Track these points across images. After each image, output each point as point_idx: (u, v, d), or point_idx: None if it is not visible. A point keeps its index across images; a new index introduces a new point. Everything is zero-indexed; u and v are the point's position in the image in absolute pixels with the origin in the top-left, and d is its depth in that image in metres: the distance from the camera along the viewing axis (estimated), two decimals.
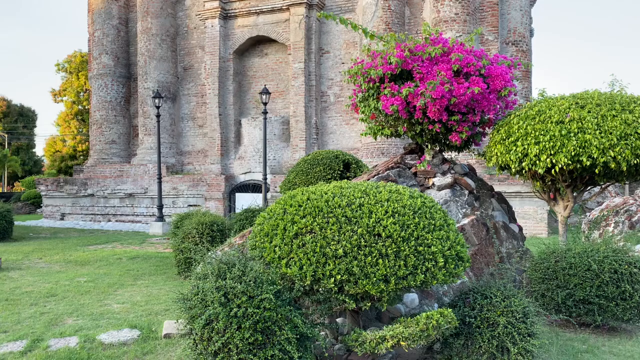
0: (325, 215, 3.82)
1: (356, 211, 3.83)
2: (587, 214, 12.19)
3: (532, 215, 13.71)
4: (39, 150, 44.11)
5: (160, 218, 16.30)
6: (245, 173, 18.46)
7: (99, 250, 11.97)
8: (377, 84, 6.93)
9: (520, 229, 7.17)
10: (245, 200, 17.51)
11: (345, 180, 4.71)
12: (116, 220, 19.13)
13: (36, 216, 23.47)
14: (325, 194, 4.09)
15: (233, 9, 18.49)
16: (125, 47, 20.33)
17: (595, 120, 5.59)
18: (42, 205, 22.05)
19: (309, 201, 4.02)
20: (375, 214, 3.77)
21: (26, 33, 79.05)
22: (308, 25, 17.46)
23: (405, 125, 6.77)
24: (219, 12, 18.29)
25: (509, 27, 16.02)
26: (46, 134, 46.11)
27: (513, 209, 7.51)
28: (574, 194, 6.72)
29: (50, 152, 39.36)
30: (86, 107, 37.04)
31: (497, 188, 12.64)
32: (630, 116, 5.57)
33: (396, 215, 3.80)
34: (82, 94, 38.45)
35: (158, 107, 16.18)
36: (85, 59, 36.42)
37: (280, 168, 18.02)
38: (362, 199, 3.96)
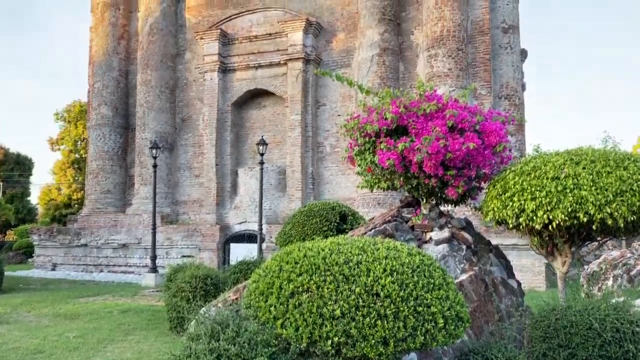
0: (322, 273, 3.76)
1: (354, 269, 3.77)
2: (585, 266, 12.10)
3: (529, 268, 13.59)
4: (34, 198, 43.97)
5: (154, 269, 16.05)
6: (241, 223, 18.36)
7: (90, 302, 11.70)
8: (373, 138, 6.99)
9: (519, 284, 7.08)
10: (240, 251, 17.30)
11: (343, 236, 4.67)
12: (109, 271, 18.82)
13: (27, 266, 23.09)
14: (322, 250, 4.04)
15: (232, 62, 18.94)
16: (124, 98, 20.64)
17: (591, 176, 5.63)
18: (33, 254, 21.73)
19: (305, 258, 3.96)
20: (374, 272, 3.72)
21: (27, 82, 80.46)
22: (305, 78, 17.85)
23: (401, 179, 6.79)
24: (218, 66, 18.71)
25: (502, 82, 16.43)
26: (42, 182, 46.10)
27: (511, 262, 7.43)
28: (572, 249, 6.69)
29: (45, 200, 39.20)
30: (83, 156, 37.22)
31: (494, 240, 12.57)
32: (625, 173, 5.62)
33: (395, 273, 3.75)
34: (79, 142, 38.73)
35: (155, 158, 16.26)
36: (84, 108, 36.89)
37: (276, 218, 17.95)
38: (360, 256, 3.91)
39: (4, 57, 73.64)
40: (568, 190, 5.56)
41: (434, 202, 7.03)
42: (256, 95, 19.26)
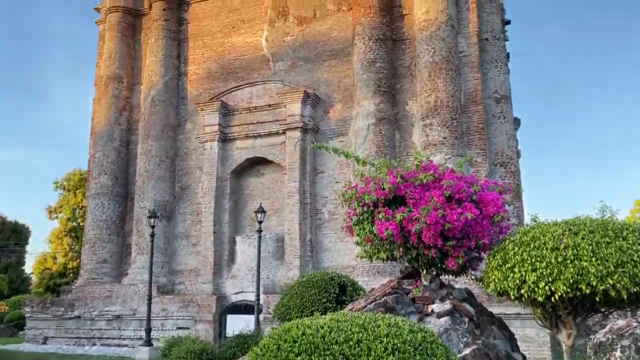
0: (322, 353, 3.65)
1: (354, 348, 3.67)
2: (592, 336, 11.78)
3: (534, 338, 13.22)
4: (29, 267, 43.39)
5: (148, 342, 15.55)
6: (238, 293, 18.01)
7: None
8: (372, 208, 7.01)
9: (524, 358, 6.87)
10: (237, 323, 16.84)
11: (342, 311, 4.58)
12: (102, 344, 18.21)
13: (18, 339, 22.36)
14: (322, 328, 3.94)
15: (232, 132, 19.32)
16: (124, 167, 20.86)
17: (590, 247, 5.62)
18: (24, 327, 21.10)
19: (304, 336, 3.86)
20: (375, 352, 3.62)
21: (27, 151, 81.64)
22: (303, 147, 18.15)
23: (400, 249, 6.76)
24: (218, 136, 19.08)
25: (497, 150, 16.72)
26: (38, 251, 45.70)
27: (514, 333, 7.25)
28: (576, 321, 6.54)
29: (40, 269, 38.62)
30: (81, 224, 37.07)
31: (496, 310, 12.31)
32: (625, 243, 5.62)
33: (396, 352, 3.64)
34: (77, 210, 38.70)
35: (153, 227, 16.20)
36: (84, 177, 37.14)
37: (273, 287, 17.64)
38: (360, 334, 3.82)
39: (4, 127, 75.17)
40: (569, 261, 5.53)
41: (434, 272, 6.96)
42: (255, 164, 19.50)
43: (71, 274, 36.53)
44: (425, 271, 6.85)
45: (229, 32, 20.58)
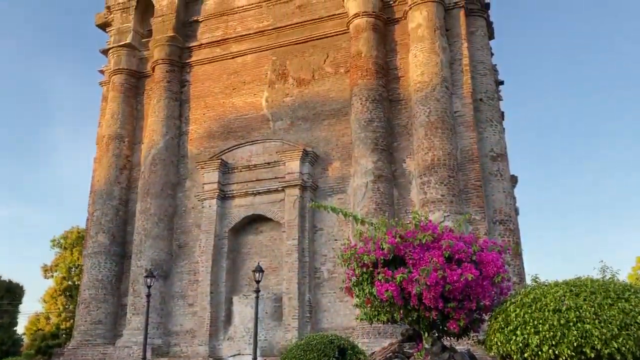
0: None
1: None
2: None
3: None
4: (21, 328, 42.30)
5: None
6: (235, 355, 17.50)
7: None
8: (371, 268, 6.97)
9: None
10: None
11: None
12: None
13: None
14: None
15: (231, 190, 19.43)
16: (122, 226, 20.79)
17: (593, 309, 5.56)
18: None
19: None
20: None
21: (26, 209, 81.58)
22: (302, 204, 18.18)
23: (401, 311, 6.68)
24: (218, 193, 19.16)
25: (495, 207, 16.77)
26: (31, 311, 44.76)
27: None
28: None
29: (32, 330, 37.65)
30: (76, 283, 36.50)
31: None
32: (627, 305, 5.56)
33: None
34: (73, 269, 38.20)
35: (149, 287, 15.97)
36: (81, 234, 36.90)
37: (271, 349, 17.16)
38: None
39: (4, 185, 75.54)
40: (571, 324, 5.44)
41: (435, 335, 6.83)
42: (253, 221, 19.46)
43: (64, 335, 35.57)
44: (426, 334, 6.73)
45: (230, 93, 21.11)
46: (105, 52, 23.15)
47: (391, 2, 19.27)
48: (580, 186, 77.28)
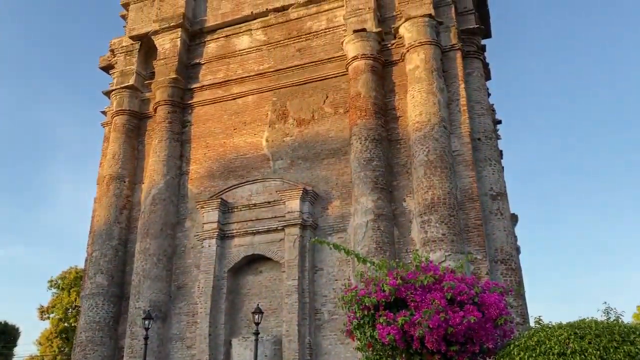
0: None
1: None
2: None
3: None
4: None
5: None
6: None
7: None
8: (372, 311, 6.89)
9: None
10: None
11: None
12: None
13: None
14: None
15: (231, 229, 19.36)
16: (121, 266, 20.61)
17: (598, 352, 5.47)
18: None
19: None
20: None
21: (25, 249, 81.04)
22: (302, 243, 18.08)
23: (403, 355, 6.55)
24: (217, 233, 19.08)
25: (496, 247, 16.68)
26: (26, 353, 43.77)
27: None
28: None
29: None
30: (72, 325, 35.89)
31: None
32: (633, 348, 5.47)
33: None
34: (70, 310, 37.64)
35: (147, 329, 15.70)
36: (79, 275, 36.58)
37: None
38: None
39: (4, 225, 75.26)
40: None
41: None
42: (253, 261, 19.31)
43: None
44: None
45: (231, 133, 21.33)
46: (108, 93, 23.53)
47: (389, 45, 19.71)
48: (581, 224, 77.10)
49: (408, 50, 18.81)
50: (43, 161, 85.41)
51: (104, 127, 23.82)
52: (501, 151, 20.49)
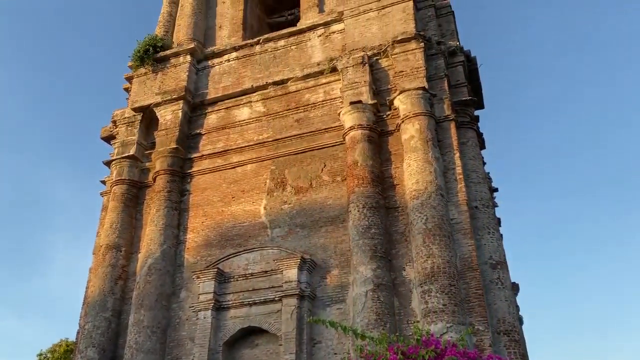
0: None
1: None
2: None
3: None
4: None
5: None
6: None
7: None
8: None
9: None
10: None
11: None
12: None
13: None
14: None
15: (227, 300, 18.98)
16: (114, 339, 19.98)
17: None
18: None
19: None
20: None
21: (18, 320, 78.78)
22: (300, 315, 17.67)
23: None
24: (213, 304, 18.69)
25: (498, 317, 16.31)
26: None
27: None
28: None
29: None
30: None
31: None
32: None
33: None
34: None
35: None
36: (70, 347, 35.33)
37: None
38: None
39: None
40: None
41: None
42: (249, 334, 18.77)
43: None
44: None
45: (229, 202, 21.41)
46: (108, 163, 23.82)
47: (384, 116, 20.26)
48: (584, 291, 75.74)
49: (403, 121, 19.31)
50: (40, 229, 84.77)
51: (102, 196, 23.93)
52: (499, 219, 20.52)
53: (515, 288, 18.84)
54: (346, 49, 21.92)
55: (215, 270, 19.23)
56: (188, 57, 24.48)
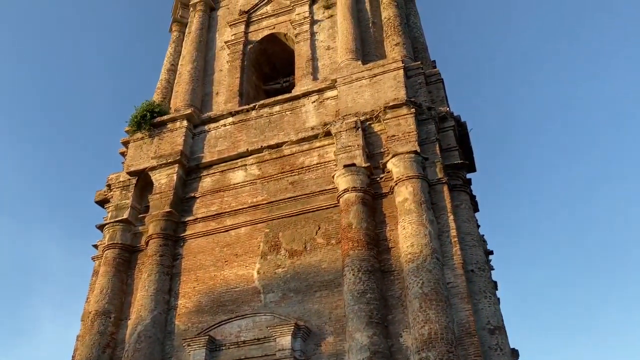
0: None
1: None
2: None
3: None
4: None
5: None
6: None
7: None
8: None
9: None
10: None
11: None
12: None
13: None
14: None
15: None
16: None
17: None
18: None
19: None
20: None
21: None
22: None
23: None
24: None
25: None
26: None
27: None
28: None
29: None
30: None
31: None
32: None
33: None
34: None
35: None
36: None
37: None
38: None
39: None
40: None
41: None
42: None
43: None
44: None
45: (222, 266, 21.11)
46: (101, 227, 23.64)
47: (377, 179, 20.44)
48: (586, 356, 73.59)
49: (397, 184, 19.47)
50: (28, 294, 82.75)
51: (94, 260, 23.59)
52: (495, 283, 20.25)
53: (515, 354, 18.30)
54: (339, 114, 22.45)
55: (207, 337, 18.66)
56: (185, 122, 24.94)
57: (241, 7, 30.38)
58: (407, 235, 18.10)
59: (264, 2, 30.00)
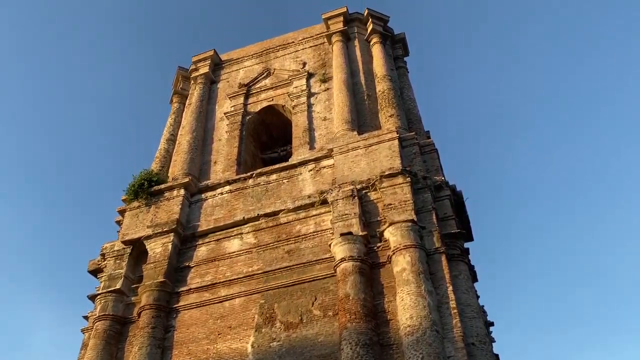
0: None
1: None
2: None
3: None
4: None
5: None
6: None
7: None
8: None
9: None
10: None
11: None
12: None
13: None
14: None
15: None
16: None
17: None
18: None
19: None
20: None
21: None
22: None
23: None
24: None
25: None
26: None
27: None
28: None
29: None
30: None
31: None
32: None
33: None
34: None
35: None
36: None
37: None
38: None
39: None
40: None
41: None
42: None
43: None
44: None
45: (215, 339, 20.41)
46: (93, 297, 23.07)
47: (375, 248, 20.24)
48: None
49: (394, 253, 19.25)
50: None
51: (83, 333, 22.80)
52: (497, 355, 19.58)
53: None
54: (336, 182, 22.60)
55: None
56: (182, 191, 25.00)
57: (241, 80, 31.42)
58: (406, 307, 17.67)
59: (263, 76, 31.10)
